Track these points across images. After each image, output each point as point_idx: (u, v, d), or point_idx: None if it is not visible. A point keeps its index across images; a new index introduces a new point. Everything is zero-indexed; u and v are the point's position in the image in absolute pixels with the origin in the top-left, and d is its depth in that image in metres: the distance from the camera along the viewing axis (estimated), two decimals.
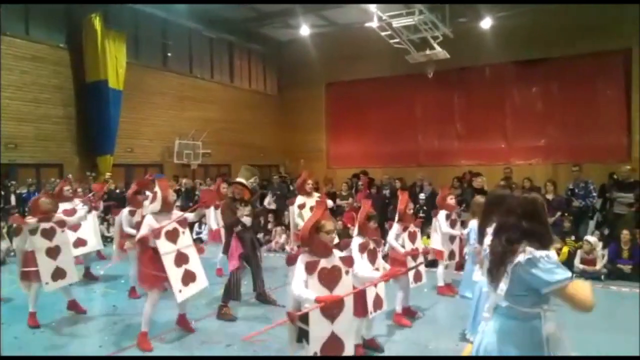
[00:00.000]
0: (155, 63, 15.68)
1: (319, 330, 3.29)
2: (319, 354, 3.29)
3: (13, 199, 10.91)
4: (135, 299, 6.78)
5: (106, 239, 10.41)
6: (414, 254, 5.83)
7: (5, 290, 7.13)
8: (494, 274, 2.56)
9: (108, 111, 13.10)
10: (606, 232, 9.52)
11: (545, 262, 2.37)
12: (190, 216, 5.62)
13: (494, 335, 2.57)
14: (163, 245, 4.99)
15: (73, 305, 6.07)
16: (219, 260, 8.05)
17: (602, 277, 7.94)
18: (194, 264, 5.24)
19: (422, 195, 10.94)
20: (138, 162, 14.83)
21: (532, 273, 2.38)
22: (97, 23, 12.85)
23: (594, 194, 9.58)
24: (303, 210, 7.10)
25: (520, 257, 2.41)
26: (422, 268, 5.98)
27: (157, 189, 5.23)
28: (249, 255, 6.21)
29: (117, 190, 12.15)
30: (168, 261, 4.98)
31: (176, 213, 5.36)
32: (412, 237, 5.96)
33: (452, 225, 6.90)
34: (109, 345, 5.11)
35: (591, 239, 8.41)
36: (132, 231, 6.67)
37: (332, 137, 19.21)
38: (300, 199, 7.27)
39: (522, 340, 2.49)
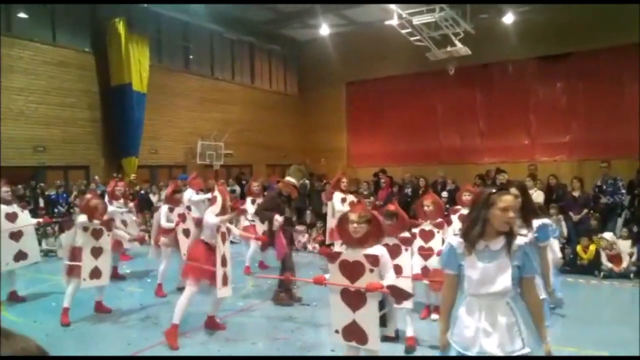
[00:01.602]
0: (177, 66, 15.91)
1: (339, 313, 3.53)
2: (340, 332, 3.52)
3: (41, 201, 11.19)
4: (162, 297, 6.89)
5: None
6: (427, 254, 5.60)
7: (33, 289, 7.34)
8: None
9: (132, 114, 13.34)
10: (635, 229, 9.28)
11: None
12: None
13: None
14: (219, 243, 5.23)
15: (99, 306, 6.21)
16: (248, 258, 8.20)
17: (632, 275, 7.76)
18: (229, 269, 5.45)
19: (444, 194, 10.84)
20: (162, 164, 15.08)
21: None
22: (121, 27, 13.10)
23: (623, 191, 9.35)
24: (344, 204, 7.93)
25: None
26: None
27: (217, 193, 5.43)
28: (286, 251, 6.49)
29: (142, 192, 12.36)
30: (219, 258, 5.20)
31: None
32: (426, 236, 5.72)
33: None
34: (137, 343, 5.20)
35: (608, 235, 8.25)
36: (170, 225, 7.07)
37: (353, 136, 19.18)
38: (340, 195, 8.16)
39: None
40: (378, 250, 3.47)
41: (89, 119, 13.25)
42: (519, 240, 2.66)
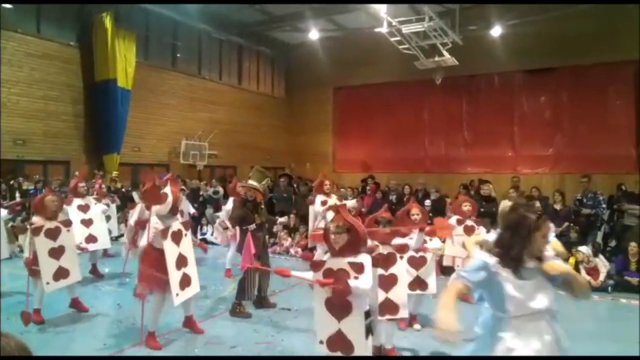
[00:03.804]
0: (164, 63, 15.73)
1: (324, 323, 3.50)
2: (324, 343, 3.47)
3: (17, 195, 10.90)
4: (141, 298, 6.75)
5: (117, 238, 10.44)
6: (418, 263, 5.59)
7: (10, 285, 7.14)
8: None
9: (116, 110, 13.13)
10: (613, 243, 9.45)
11: None
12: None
13: None
14: (169, 247, 4.89)
15: (76, 303, 6.05)
16: (228, 261, 8.07)
17: (610, 289, 7.87)
18: (191, 268, 5.17)
19: (427, 202, 10.85)
20: (144, 162, 14.86)
21: None
22: (108, 22, 12.90)
23: (603, 205, 9.51)
24: (325, 206, 7.72)
25: None
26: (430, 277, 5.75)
27: (167, 191, 5.07)
28: (259, 256, 6.17)
29: (123, 189, 12.16)
30: (171, 263, 4.87)
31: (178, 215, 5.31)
32: None
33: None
34: (113, 343, 5.09)
35: (584, 248, 8.35)
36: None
37: (339, 141, 19.19)
38: (321, 197, 7.88)
39: None
40: (363, 258, 3.47)
41: (71, 114, 13.00)
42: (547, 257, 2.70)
